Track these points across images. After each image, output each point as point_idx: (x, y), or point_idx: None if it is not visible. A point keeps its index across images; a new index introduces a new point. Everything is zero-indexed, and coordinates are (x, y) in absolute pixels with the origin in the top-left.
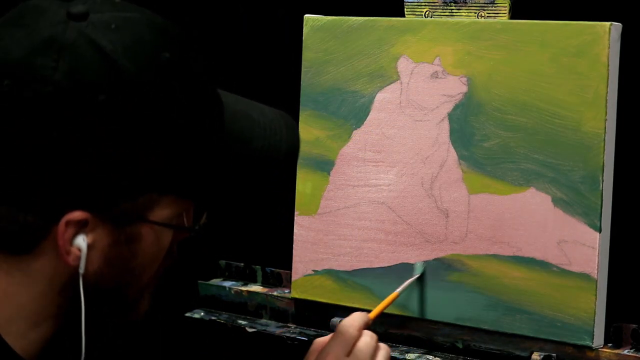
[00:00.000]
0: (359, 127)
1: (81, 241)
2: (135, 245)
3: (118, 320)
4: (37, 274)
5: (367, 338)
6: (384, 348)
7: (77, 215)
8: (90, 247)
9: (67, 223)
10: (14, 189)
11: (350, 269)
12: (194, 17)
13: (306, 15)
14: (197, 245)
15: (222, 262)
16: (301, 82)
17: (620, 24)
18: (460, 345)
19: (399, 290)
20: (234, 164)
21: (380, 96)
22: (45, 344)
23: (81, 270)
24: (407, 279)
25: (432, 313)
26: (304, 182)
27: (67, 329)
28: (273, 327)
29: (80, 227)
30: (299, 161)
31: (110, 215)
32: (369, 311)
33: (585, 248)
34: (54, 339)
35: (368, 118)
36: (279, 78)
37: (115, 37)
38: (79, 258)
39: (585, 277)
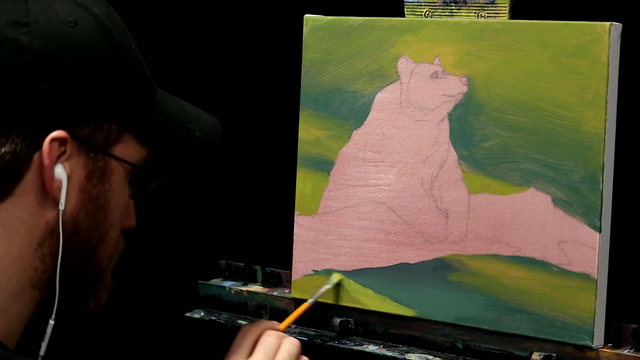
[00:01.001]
0: (359, 127)
1: (61, 172)
2: (107, 182)
3: (89, 287)
4: (17, 224)
5: (267, 337)
6: (289, 341)
7: (59, 133)
8: (68, 179)
9: (52, 141)
10: None
11: (350, 269)
12: (194, 17)
13: (306, 15)
14: (196, 244)
15: (222, 262)
16: (301, 82)
17: (620, 24)
18: (460, 345)
19: (310, 300)
20: (177, 126)
21: (380, 96)
22: (24, 326)
23: (61, 207)
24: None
25: (432, 313)
26: (304, 182)
27: (45, 312)
28: None
29: (61, 151)
30: (299, 161)
31: (82, 141)
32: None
33: (585, 248)
34: (32, 327)
35: (368, 118)
36: (279, 78)
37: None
38: (60, 189)
39: (585, 277)
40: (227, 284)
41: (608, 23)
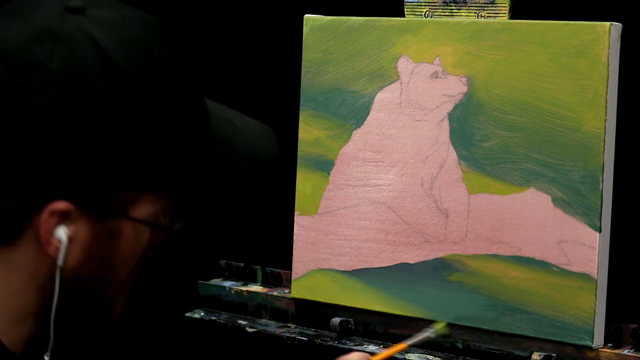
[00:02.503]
0: (359, 127)
1: (62, 233)
2: (115, 241)
3: (93, 318)
4: (18, 267)
5: None
6: None
7: (60, 205)
8: (71, 239)
9: (51, 212)
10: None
11: (350, 269)
12: (193, 17)
13: (306, 15)
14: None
15: (222, 262)
16: (301, 82)
17: (620, 24)
18: (460, 345)
19: (409, 342)
20: (215, 165)
21: (380, 96)
22: (28, 341)
23: (59, 263)
24: (422, 330)
25: (432, 313)
26: (304, 182)
27: (50, 328)
28: (273, 327)
29: (63, 217)
30: (299, 161)
31: (93, 208)
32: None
33: (585, 248)
34: (39, 336)
35: (368, 118)
36: (279, 78)
37: (111, 32)
38: (58, 249)
39: (585, 277)
40: (227, 284)
41: (608, 23)
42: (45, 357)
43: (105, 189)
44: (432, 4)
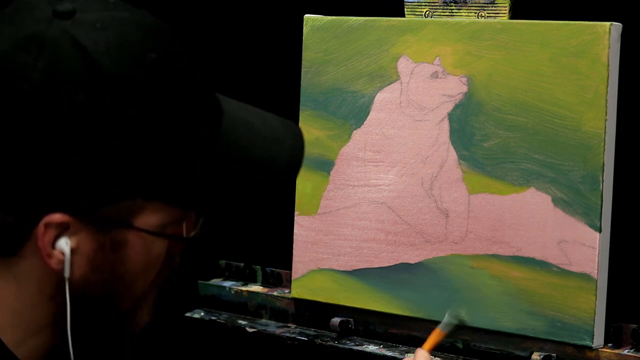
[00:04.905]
0: (359, 127)
1: (64, 244)
2: (121, 252)
3: (112, 330)
4: (26, 277)
5: None
6: None
7: (56, 217)
8: (74, 251)
9: (47, 225)
10: None
11: (350, 269)
12: (193, 17)
13: (306, 15)
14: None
15: (222, 262)
16: (301, 82)
17: (620, 24)
18: (460, 345)
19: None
20: (227, 172)
21: (380, 96)
22: (47, 351)
23: (66, 274)
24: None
25: (432, 313)
26: (304, 182)
27: (69, 339)
28: (273, 327)
29: (62, 229)
30: None
31: (92, 219)
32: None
33: (585, 248)
34: (57, 348)
35: (368, 118)
36: (279, 78)
37: (99, 36)
38: (62, 262)
39: (585, 277)
40: (227, 284)
41: (608, 23)
42: None
43: (103, 199)
44: (432, 4)
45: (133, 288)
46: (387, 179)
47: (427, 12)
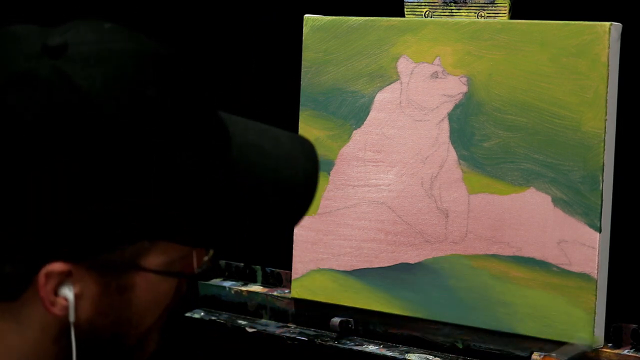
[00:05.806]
0: (359, 127)
1: (67, 291)
2: (128, 294)
3: None
4: (29, 322)
5: None
6: None
7: (57, 267)
8: (78, 296)
9: (47, 275)
10: None
11: (350, 269)
12: (193, 18)
13: (306, 15)
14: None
15: (222, 262)
16: (301, 82)
17: (620, 24)
18: (460, 345)
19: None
20: (239, 203)
21: (380, 96)
22: None
23: (71, 319)
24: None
25: (432, 313)
26: None
27: None
28: (273, 327)
29: (64, 277)
30: None
31: (95, 265)
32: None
33: (585, 248)
34: None
35: (368, 118)
36: (279, 78)
37: (94, 73)
38: (66, 308)
39: (585, 277)
40: (227, 284)
41: (608, 23)
42: None
43: (106, 245)
44: (432, 4)
45: (140, 327)
46: (387, 179)
47: (427, 12)
